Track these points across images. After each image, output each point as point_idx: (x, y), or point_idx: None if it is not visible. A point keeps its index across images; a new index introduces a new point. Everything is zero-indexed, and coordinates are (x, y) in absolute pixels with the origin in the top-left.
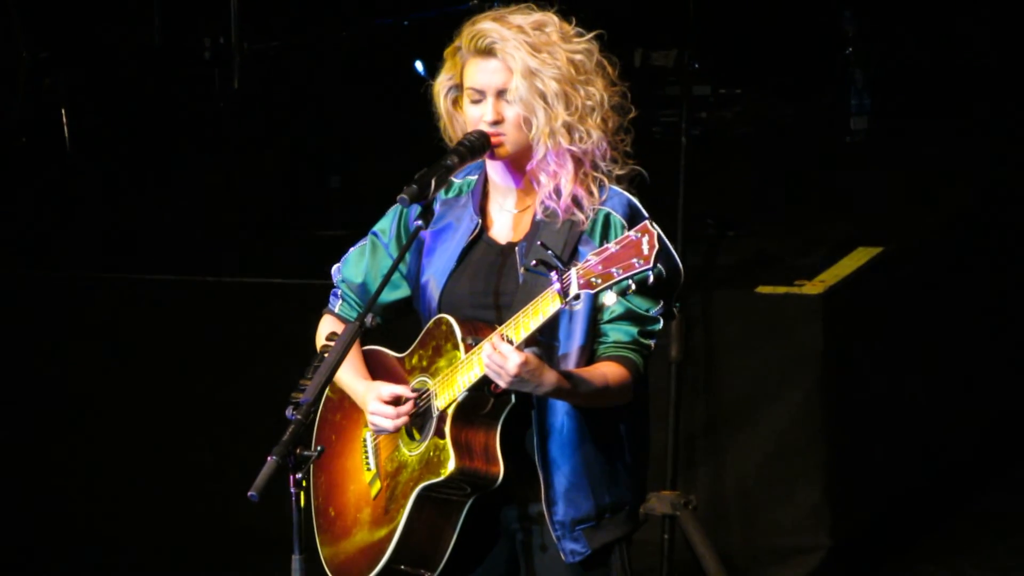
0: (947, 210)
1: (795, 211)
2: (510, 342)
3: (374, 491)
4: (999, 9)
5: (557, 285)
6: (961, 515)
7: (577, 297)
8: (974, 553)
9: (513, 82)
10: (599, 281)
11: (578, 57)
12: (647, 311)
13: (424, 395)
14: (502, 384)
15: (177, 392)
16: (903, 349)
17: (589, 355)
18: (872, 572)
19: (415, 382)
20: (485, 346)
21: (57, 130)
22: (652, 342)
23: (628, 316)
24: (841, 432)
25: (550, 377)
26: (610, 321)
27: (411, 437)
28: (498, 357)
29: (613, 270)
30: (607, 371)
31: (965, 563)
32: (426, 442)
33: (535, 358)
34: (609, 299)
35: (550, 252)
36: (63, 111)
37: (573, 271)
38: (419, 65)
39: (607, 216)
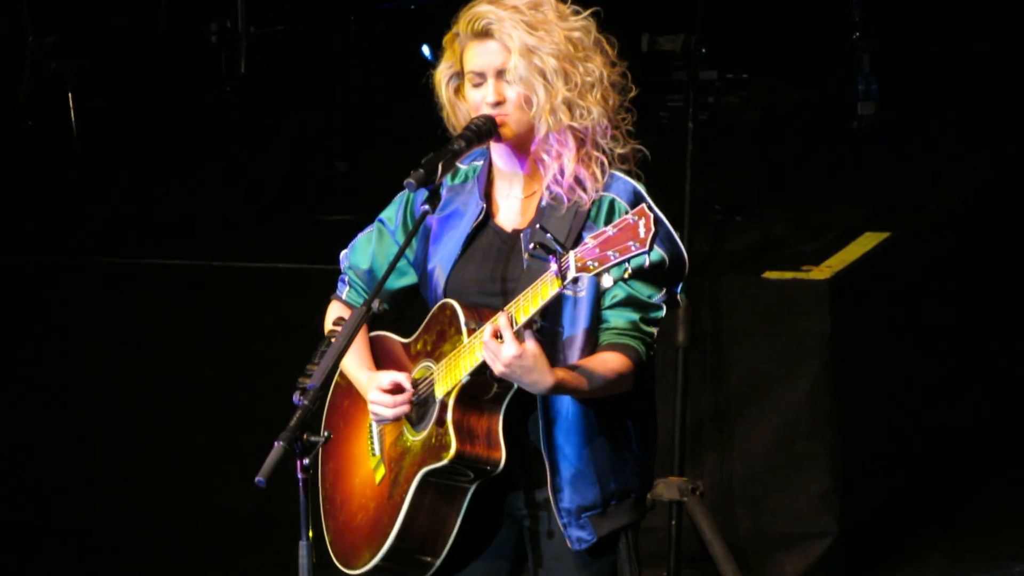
0: (954, 195)
1: (802, 196)
2: (513, 323)
3: (379, 476)
4: None
5: (555, 268)
6: (968, 502)
7: (576, 280)
8: (980, 540)
9: (512, 61)
10: (596, 264)
11: (576, 34)
12: (649, 297)
13: (426, 383)
14: (495, 372)
15: (181, 377)
16: (910, 335)
17: (594, 340)
18: (879, 559)
19: (419, 367)
20: (486, 328)
21: (63, 114)
22: (654, 330)
23: (629, 302)
24: (848, 418)
25: (546, 380)
26: (611, 307)
27: (415, 422)
28: (493, 344)
29: (610, 253)
30: (611, 362)
31: (971, 550)
32: (429, 427)
33: (533, 357)
34: (606, 282)
35: (549, 236)
36: (69, 95)
37: (571, 254)
38: (426, 49)
39: (612, 202)
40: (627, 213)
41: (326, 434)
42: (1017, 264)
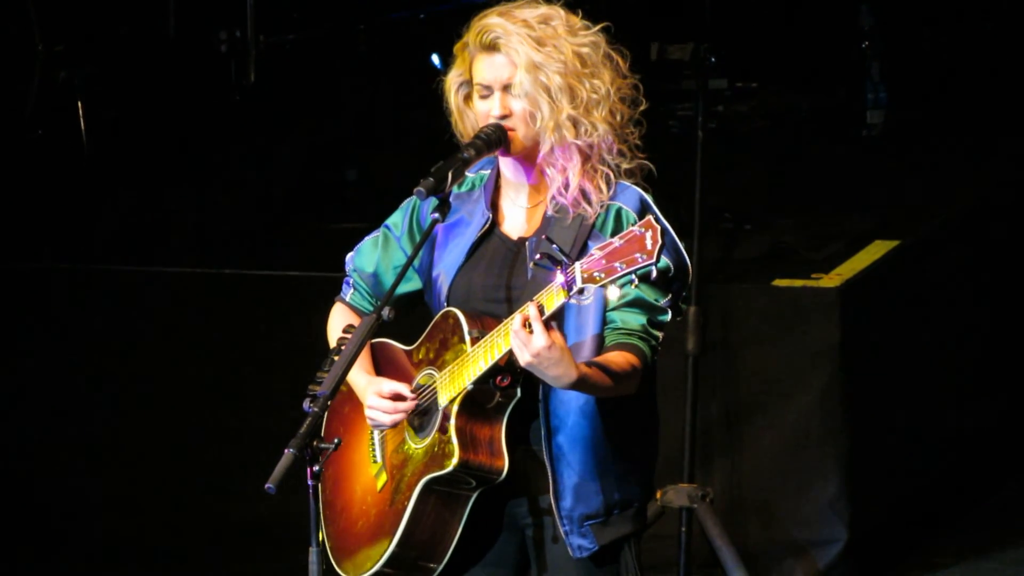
0: (964, 203)
1: (812, 205)
2: (543, 312)
3: (380, 483)
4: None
5: (561, 279)
6: (978, 509)
7: (581, 291)
8: (991, 547)
9: (517, 76)
10: (602, 275)
11: (584, 50)
12: (656, 300)
13: (427, 391)
14: (521, 362)
15: (190, 385)
16: (920, 342)
17: (600, 347)
18: (889, 565)
19: (422, 375)
20: (515, 318)
21: (73, 123)
22: (660, 334)
23: (638, 303)
24: (858, 425)
25: (571, 373)
26: (618, 307)
27: (418, 430)
28: (523, 334)
29: (616, 264)
30: (623, 361)
31: (981, 557)
32: (431, 435)
33: (560, 349)
34: (612, 294)
35: (555, 247)
36: (79, 104)
37: (577, 265)
38: (435, 58)
39: (618, 210)
40: (634, 223)
41: (336, 440)
42: None
